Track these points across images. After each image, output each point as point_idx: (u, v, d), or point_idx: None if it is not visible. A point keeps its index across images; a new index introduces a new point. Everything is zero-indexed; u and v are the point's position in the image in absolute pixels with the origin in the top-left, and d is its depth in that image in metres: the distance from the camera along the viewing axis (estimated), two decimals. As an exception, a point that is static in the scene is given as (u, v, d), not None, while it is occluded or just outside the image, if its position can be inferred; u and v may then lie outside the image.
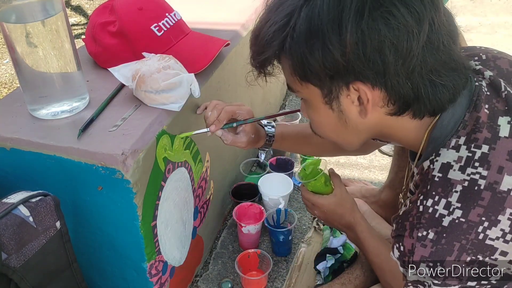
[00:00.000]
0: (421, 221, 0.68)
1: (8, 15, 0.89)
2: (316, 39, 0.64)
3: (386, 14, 0.61)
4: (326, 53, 0.64)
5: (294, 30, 0.66)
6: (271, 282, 1.29)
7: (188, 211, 1.16)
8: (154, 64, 1.00)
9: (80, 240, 0.98)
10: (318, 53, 0.64)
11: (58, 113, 0.98)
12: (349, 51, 0.63)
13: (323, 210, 1.06)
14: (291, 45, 0.67)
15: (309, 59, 0.66)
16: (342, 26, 0.62)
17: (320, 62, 0.65)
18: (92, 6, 3.20)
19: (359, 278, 1.16)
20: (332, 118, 0.73)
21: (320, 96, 0.70)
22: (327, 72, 0.66)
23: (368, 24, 0.61)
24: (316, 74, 0.67)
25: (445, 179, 0.68)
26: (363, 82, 0.66)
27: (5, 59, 2.57)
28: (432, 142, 0.71)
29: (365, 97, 0.67)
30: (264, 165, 1.59)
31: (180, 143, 1.06)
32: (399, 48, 0.62)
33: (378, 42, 0.62)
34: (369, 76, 0.65)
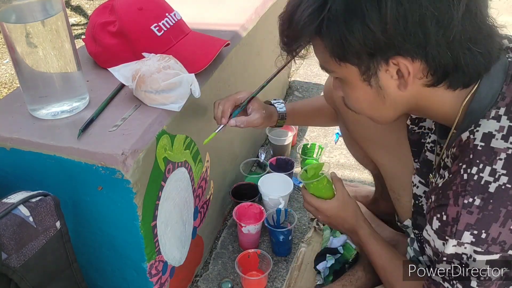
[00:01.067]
0: (467, 188, 0.69)
1: (8, 15, 0.89)
2: (355, 19, 0.64)
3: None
4: (366, 32, 0.64)
5: (331, 11, 0.65)
6: (271, 282, 1.29)
7: (188, 211, 1.16)
8: (154, 64, 1.00)
9: (80, 240, 0.98)
10: (358, 32, 0.65)
11: (58, 113, 0.98)
12: (390, 27, 0.63)
13: (327, 214, 1.06)
14: (329, 27, 0.67)
15: (349, 39, 0.66)
16: (381, 2, 0.62)
17: (361, 41, 0.65)
18: (92, 6, 3.20)
19: (361, 280, 1.16)
20: (370, 94, 0.74)
21: (357, 74, 0.71)
22: (367, 50, 0.67)
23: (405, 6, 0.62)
24: (355, 53, 0.68)
25: (488, 148, 0.69)
26: (403, 56, 0.67)
27: (5, 59, 2.57)
28: (470, 115, 0.72)
29: (406, 70, 0.68)
30: (264, 165, 1.59)
31: (180, 143, 1.06)
32: (440, 18, 0.63)
33: (419, 15, 0.63)
34: (409, 50, 0.66)
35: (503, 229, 0.67)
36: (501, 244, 0.68)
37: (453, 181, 0.71)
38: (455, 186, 0.71)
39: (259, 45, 1.56)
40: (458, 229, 0.69)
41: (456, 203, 0.70)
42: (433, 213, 0.74)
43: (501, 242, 0.68)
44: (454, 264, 0.73)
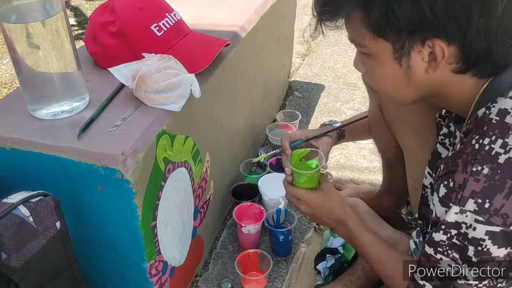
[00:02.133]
0: (477, 157, 0.70)
1: (8, 15, 0.89)
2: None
3: None
4: (415, 7, 0.65)
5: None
6: (271, 282, 1.29)
7: (188, 211, 1.16)
8: (154, 64, 1.00)
9: (80, 240, 0.98)
10: (407, 6, 0.65)
11: (58, 113, 0.98)
12: (439, 5, 0.64)
13: (311, 204, 1.03)
14: (377, 2, 0.67)
15: (396, 12, 0.66)
16: None
17: (407, 15, 0.66)
18: (92, 6, 3.20)
19: (361, 279, 1.16)
20: (398, 73, 0.74)
21: (390, 51, 0.72)
22: (409, 26, 0.67)
23: None
24: (396, 28, 0.68)
25: (503, 122, 0.70)
26: (441, 39, 0.68)
27: (5, 59, 2.57)
28: (488, 94, 0.73)
29: (440, 53, 0.69)
30: (264, 165, 1.59)
31: (180, 143, 1.06)
32: (485, 7, 0.65)
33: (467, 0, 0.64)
34: (449, 33, 0.67)
35: (507, 201, 0.68)
36: (503, 217, 0.68)
37: (464, 150, 0.72)
38: (465, 155, 0.72)
39: (259, 45, 1.56)
40: (463, 195, 0.70)
41: (465, 170, 0.70)
42: (441, 180, 0.75)
43: (503, 214, 0.68)
44: (451, 234, 0.73)
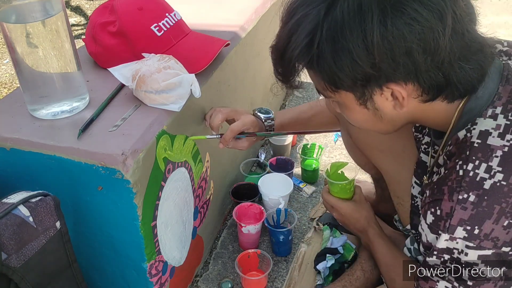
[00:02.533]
0: (462, 184, 0.70)
1: (8, 15, 0.89)
2: (344, 56, 0.65)
3: (409, 20, 0.63)
4: (355, 67, 0.66)
5: (320, 49, 0.67)
6: (271, 282, 1.29)
7: (188, 211, 1.16)
8: (154, 64, 1.00)
9: (80, 240, 0.98)
10: (348, 68, 0.66)
11: (58, 113, 0.98)
12: (378, 61, 0.65)
13: (341, 212, 1.13)
14: (319, 64, 0.68)
15: (339, 74, 0.67)
16: (367, 39, 0.63)
17: (351, 75, 0.67)
18: (92, 6, 3.20)
19: (360, 280, 1.16)
20: (368, 115, 0.75)
21: (353, 98, 0.72)
22: (358, 82, 0.68)
23: (393, 33, 0.63)
24: (348, 85, 0.69)
25: (485, 145, 0.70)
26: (395, 82, 0.68)
27: (5, 59, 2.57)
28: (466, 114, 0.73)
29: (400, 95, 0.70)
30: (264, 165, 1.59)
31: (180, 143, 1.06)
32: (427, 47, 0.64)
33: (405, 48, 0.64)
34: (400, 77, 0.67)
35: (496, 226, 0.68)
36: (493, 240, 0.69)
37: (448, 176, 0.73)
38: (450, 181, 0.72)
39: (259, 45, 1.56)
40: (451, 224, 0.70)
41: (451, 199, 0.71)
42: (427, 207, 0.75)
43: (494, 238, 0.69)
44: (444, 258, 0.74)
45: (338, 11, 0.64)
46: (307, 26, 0.67)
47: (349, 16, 0.64)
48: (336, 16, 0.65)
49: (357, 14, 0.63)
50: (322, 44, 0.66)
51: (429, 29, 0.63)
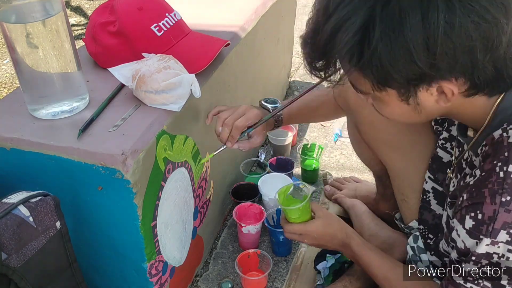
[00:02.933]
0: (504, 186, 0.68)
1: (8, 15, 0.89)
2: (402, 56, 0.61)
3: (477, 18, 0.59)
4: (413, 68, 0.62)
5: (373, 48, 0.61)
6: (271, 282, 1.29)
7: (188, 211, 1.16)
8: (154, 64, 1.00)
9: (80, 240, 0.98)
10: (405, 69, 0.62)
11: (58, 113, 0.98)
12: (439, 61, 0.61)
13: (313, 236, 1.04)
14: (371, 64, 0.63)
15: (394, 75, 0.63)
16: (429, 39, 0.59)
17: (406, 76, 0.63)
18: (92, 6, 3.20)
19: (360, 280, 1.16)
20: (406, 109, 0.71)
21: (396, 95, 0.69)
22: (411, 82, 0.65)
23: (459, 32, 0.59)
24: (397, 84, 0.65)
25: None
26: (447, 80, 0.65)
27: (5, 59, 2.57)
28: (501, 113, 0.71)
29: (449, 92, 0.67)
30: (264, 165, 1.59)
31: (180, 143, 1.06)
32: (489, 45, 0.61)
33: (468, 47, 0.61)
34: (455, 75, 0.64)
35: None
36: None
37: (487, 179, 0.70)
38: (491, 184, 0.69)
39: (259, 45, 1.56)
40: (494, 227, 0.68)
41: (493, 201, 0.68)
42: (466, 211, 0.73)
43: None
44: (482, 264, 0.72)
45: (395, 6, 0.59)
46: (358, 20, 0.61)
47: (410, 12, 0.58)
48: (394, 12, 0.59)
49: (418, 10, 0.58)
50: (377, 43, 0.61)
51: (495, 26, 0.60)
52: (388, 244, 1.18)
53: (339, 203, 1.44)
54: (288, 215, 1.05)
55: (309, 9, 0.69)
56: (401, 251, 1.13)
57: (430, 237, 1.01)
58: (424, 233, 1.02)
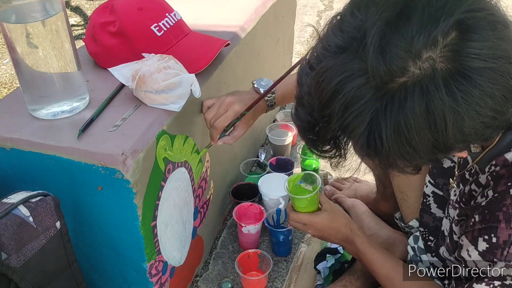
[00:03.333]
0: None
1: (8, 15, 0.89)
2: (411, 154, 0.57)
3: (485, 119, 0.56)
4: (421, 162, 0.60)
5: (383, 148, 0.57)
6: (271, 282, 1.29)
7: (188, 211, 1.16)
8: (154, 64, 1.00)
9: (80, 240, 0.98)
10: (413, 162, 0.60)
11: (58, 113, 0.98)
12: (450, 152, 0.59)
13: (317, 227, 1.03)
14: (377, 156, 0.59)
15: (399, 165, 0.60)
16: (439, 138, 0.56)
17: (415, 166, 0.61)
18: (92, 6, 3.20)
19: (360, 280, 1.16)
20: None
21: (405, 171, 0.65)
22: (419, 168, 0.63)
23: (471, 132, 0.56)
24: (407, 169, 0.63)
25: None
26: (459, 151, 0.63)
27: (5, 59, 2.57)
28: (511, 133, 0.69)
29: (461, 156, 0.66)
30: (264, 165, 1.59)
31: (180, 143, 1.06)
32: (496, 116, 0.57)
33: (476, 130, 0.57)
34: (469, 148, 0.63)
35: None
36: None
37: (501, 201, 0.69)
38: (505, 207, 0.68)
39: (259, 45, 1.56)
40: (510, 252, 0.67)
41: (509, 226, 0.67)
42: (479, 233, 0.71)
43: None
44: (494, 285, 0.71)
45: (398, 110, 0.55)
46: (363, 125, 0.57)
47: (418, 118, 0.54)
48: (397, 118, 0.55)
49: (426, 122, 0.54)
50: (385, 143, 0.57)
51: (504, 117, 0.57)
52: (388, 244, 1.18)
53: (339, 203, 1.44)
54: (296, 204, 1.04)
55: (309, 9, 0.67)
56: (401, 251, 1.13)
57: (431, 239, 1.01)
58: (424, 236, 1.02)
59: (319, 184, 1.04)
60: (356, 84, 0.55)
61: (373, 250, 1.01)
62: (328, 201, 1.06)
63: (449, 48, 0.53)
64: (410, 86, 0.54)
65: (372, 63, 0.54)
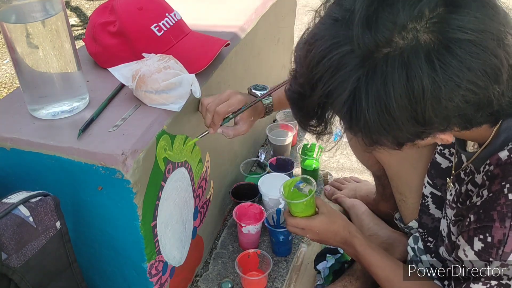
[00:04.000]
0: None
1: (8, 15, 0.89)
2: (391, 126, 0.59)
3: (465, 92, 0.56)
4: (401, 135, 0.60)
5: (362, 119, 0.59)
6: (271, 282, 1.29)
7: (188, 211, 1.16)
8: (154, 64, 1.00)
9: (80, 240, 0.98)
10: (393, 135, 0.60)
11: (58, 113, 0.98)
12: (428, 125, 0.59)
13: (316, 231, 1.03)
14: (360, 130, 0.61)
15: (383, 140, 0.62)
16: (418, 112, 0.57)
17: (395, 140, 0.62)
18: (92, 6, 3.20)
19: (360, 280, 1.16)
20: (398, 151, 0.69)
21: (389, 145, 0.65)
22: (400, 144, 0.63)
23: (448, 105, 0.57)
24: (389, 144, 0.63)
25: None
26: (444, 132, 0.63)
27: (5, 59, 2.57)
28: (505, 131, 0.69)
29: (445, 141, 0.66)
30: (264, 165, 1.59)
31: (180, 143, 1.06)
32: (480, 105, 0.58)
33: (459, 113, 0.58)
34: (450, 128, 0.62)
35: None
36: None
37: (496, 201, 0.69)
38: (499, 206, 0.68)
39: (259, 45, 1.56)
40: (504, 251, 0.67)
41: (503, 225, 0.67)
42: (474, 233, 0.72)
43: None
44: (491, 284, 0.71)
45: (379, 79, 0.56)
46: (345, 93, 0.58)
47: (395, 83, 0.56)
48: (378, 87, 0.57)
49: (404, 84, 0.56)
50: (364, 115, 0.58)
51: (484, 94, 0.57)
52: (388, 244, 1.18)
53: (339, 203, 1.45)
54: (292, 209, 1.04)
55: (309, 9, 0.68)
56: (401, 251, 1.13)
57: (430, 240, 1.01)
58: (424, 236, 1.02)
59: (314, 187, 1.03)
60: (342, 50, 0.57)
61: (373, 252, 1.00)
62: (324, 204, 1.05)
63: (434, 21, 0.55)
64: (393, 57, 0.56)
65: (358, 32, 0.56)
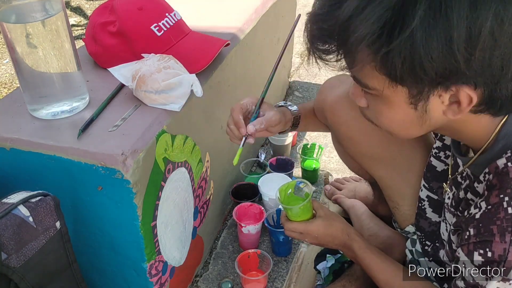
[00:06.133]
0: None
1: (8, 15, 0.89)
2: (442, 45, 0.54)
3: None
4: (449, 59, 0.55)
5: (412, 32, 0.54)
6: (271, 282, 1.29)
7: (188, 211, 1.16)
8: (154, 64, 1.00)
9: (80, 240, 0.98)
10: (440, 57, 0.55)
11: (58, 113, 0.98)
12: (476, 57, 0.55)
13: (314, 235, 1.01)
14: (402, 48, 0.56)
15: (425, 63, 0.56)
16: (473, 33, 0.54)
17: (438, 67, 0.56)
18: (92, 6, 3.20)
19: (360, 280, 1.16)
20: (410, 116, 0.66)
21: (406, 96, 0.62)
22: (437, 78, 0.58)
23: (506, 33, 0.54)
24: (421, 78, 0.58)
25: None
26: (469, 86, 0.59)
27: (5, 59, 2.57)
28: (504, 138, 0.68)
29: (466, 100, 0.61)
30: (264, 165, 1.59)
31: (180, 143, 1.06)
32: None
33: (506, 53, 0.56)
34: (480, 81, 0.58)
35: None
36: None
37: (495, 214, 0.67)
38: (499, 221, 0.66)
39: (259, 45, 1.56)
40: (506, 266, 0.66)
41: (503, 240, 0.66)
42: (474, 247, 0.70)
43: None
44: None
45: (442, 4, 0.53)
46: None
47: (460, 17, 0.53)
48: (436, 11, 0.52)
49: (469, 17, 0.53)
50: (415, 26, 0.53)
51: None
52: (387, 244, 1.18)
53: (339, 203, 1.45)
54: (289, 213, 1.03)
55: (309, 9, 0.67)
56: (401, 251, 1.13)
57: (428, 244, 1.00)
58: (421, 240, 1.02)
59: (311, 191, 1.02)
60: None
61: (372, 255, 0.99)
62: (322, 207, 1.03)
63: None
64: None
65: None
